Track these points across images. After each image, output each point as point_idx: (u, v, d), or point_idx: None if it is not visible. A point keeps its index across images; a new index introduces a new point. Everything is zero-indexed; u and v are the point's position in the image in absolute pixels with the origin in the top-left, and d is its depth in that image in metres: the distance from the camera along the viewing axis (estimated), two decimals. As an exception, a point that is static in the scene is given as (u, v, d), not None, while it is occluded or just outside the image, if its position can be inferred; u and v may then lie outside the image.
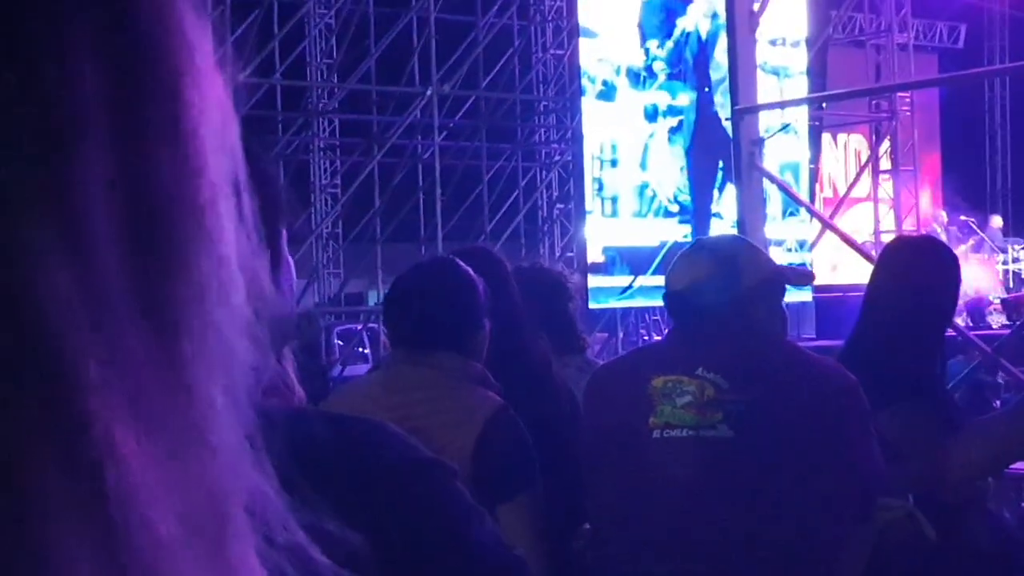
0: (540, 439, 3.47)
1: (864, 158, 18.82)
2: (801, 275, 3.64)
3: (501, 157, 18.10)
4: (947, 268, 3.87)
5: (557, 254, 18.79)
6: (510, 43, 18.15)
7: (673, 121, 16.32)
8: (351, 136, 18.39)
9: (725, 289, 3.14)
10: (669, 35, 16.35)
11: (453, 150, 17.61)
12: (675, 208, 16.18)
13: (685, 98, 16.41)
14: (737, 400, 3.00)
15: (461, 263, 3.45)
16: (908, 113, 17.58)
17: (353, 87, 17.27)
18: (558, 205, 18.81)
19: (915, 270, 3.81)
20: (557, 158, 18.90)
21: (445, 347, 3.30)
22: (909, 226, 17.49)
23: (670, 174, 16.45)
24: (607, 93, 15.90)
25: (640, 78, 16.11)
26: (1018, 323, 15.03)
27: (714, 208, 16.34)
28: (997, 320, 17.45)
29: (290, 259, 1.59)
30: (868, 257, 7.06)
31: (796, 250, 16.86)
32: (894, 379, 3.67)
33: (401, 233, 16.89)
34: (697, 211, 16.39)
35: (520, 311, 3.91)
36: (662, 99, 16.24)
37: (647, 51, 16.18)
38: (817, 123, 18.98)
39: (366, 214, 17.11)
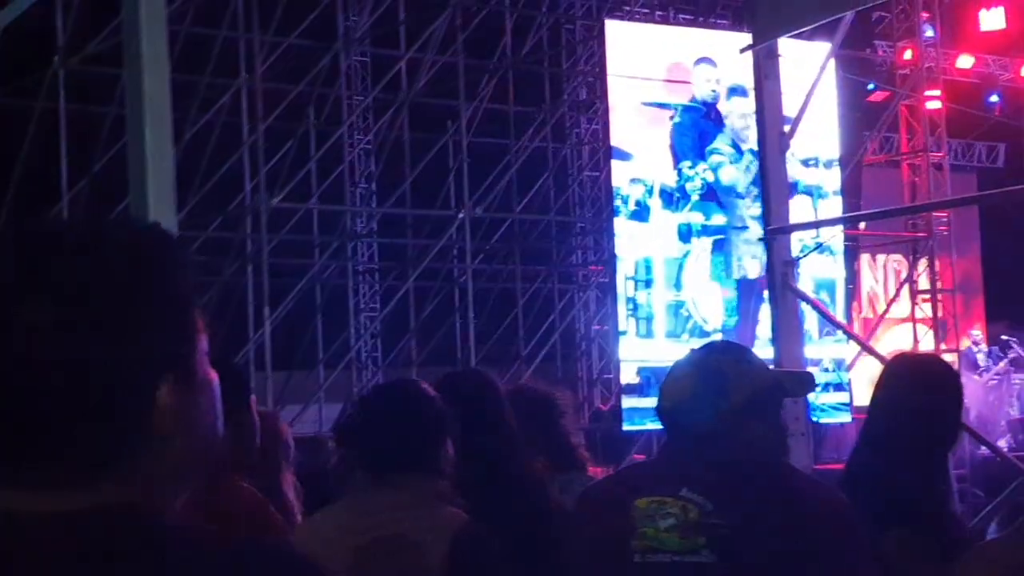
0: (530, 562, 3.41)
1: (903, 278, 18.72)
2: (801, 383, 3.52)
3: (537, 279, 18.10)
4: (947, 387, 3.78)
5: (595, 375, 18.70)
6: (545, 165, 18.26)
7: (707, 241, 16.32)
8: (387, 260, 18.45)
9: (710, 407, 3.05)
10: (702, 156, 16.41)
11: (488, 272, 17.64)
12: (710, 327, 16.10)
13: (720, 218, 16.42)
14: (721, 524, 2.90)
15: (422, 384, 3.44)
16: (945, 233, 17.48)
17: (388, 211, 17.37)
18: (594, 326, 18.74)
19: (914, 389, 3.72)
20: (593, 279, 18.89)
21: (409, 468, 3.29)
22: (949, 346, 17.30)
23: (705, 293, 16.41)
24: (640, 213, 15.94)
25: (673, 198, 16.15)
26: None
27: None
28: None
29: (211, 376, 1.54)
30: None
31: (833, 370, 16.72)
32: (895, 501, 3.57)
33: (437, 356, 16.86)
34: (741, 332, 16.32)
35: (513, 433, 3.87)
36: (695, 219, 16.25)
37: (680, 172, 16.23)
38: (851, 243, 18.93)
39: (403, 338, 17.13)
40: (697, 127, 16.52)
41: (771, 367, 3.41)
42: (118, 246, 1.43)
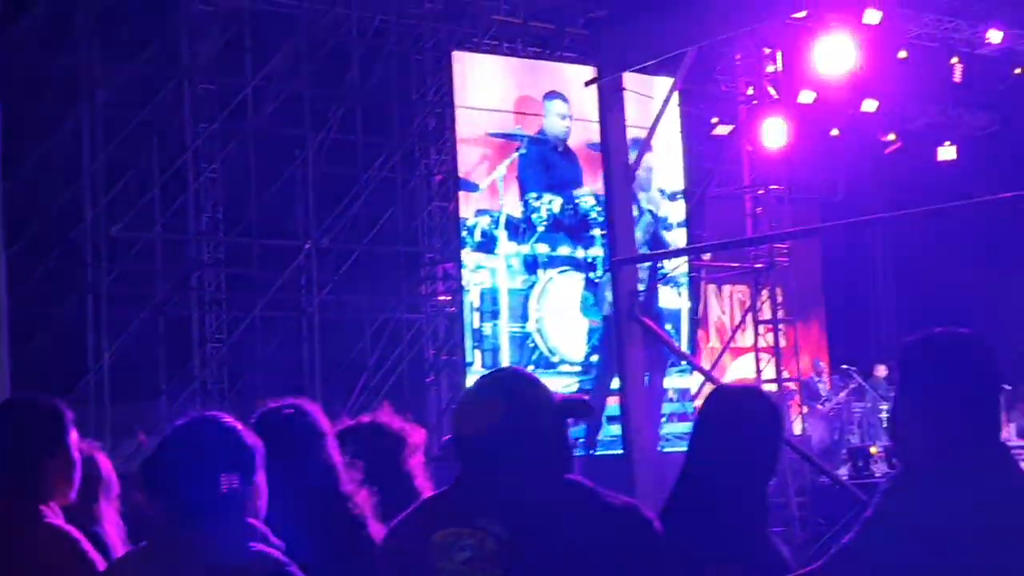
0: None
1: (748, 308, 18.98)
2: (583, 407, 3.55)
3: (385, 310, 18.01)
4: (762, 418, 3.80)
5: (444, 406, 18.64)
6: (393, 195, 18.19)
7: (553, 272, 16.41)
8: (234, 289, 18.21)
9: (509, 432, 3.04)
10: (549, 188, 16.52)
11: (336, 303, 17.52)
12: (557, 359, 16.18)
13: (566, 249, 16.53)
14: (519, 551, 2.88)
15: (225, 419, 3.35)
16: (786, 264, 17.77)
17: (235, 240, 17.18)
18: (443, 357, 18.69)
19: (729, 421, 3.75)
20: (442, 310, 18.84)
21: (215, 509, 3.18)
22: (790, 375, 17.56)
23: (560, 325, 16.49)
24: (486, 244, 15.98)
25: (519, 230, 16.22)
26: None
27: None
28: (881, 469, 17.51)
29: None
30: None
31: (678, 400, 16.90)
32: (711, 533, 3.59)
33: (285, 387, 16.67)
34: (606, 365, 16.42)
35: (335, 469, 3.83)
36: (542, 250, 16.34)
37: (526, 203, 16.30)
38: (696, 274, 19.17)
39: (250, 368, 16.93)
40: (545, 160, 16.63)
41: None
42: None
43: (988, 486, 3.07)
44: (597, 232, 16.76)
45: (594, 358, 16.80)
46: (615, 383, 15.72)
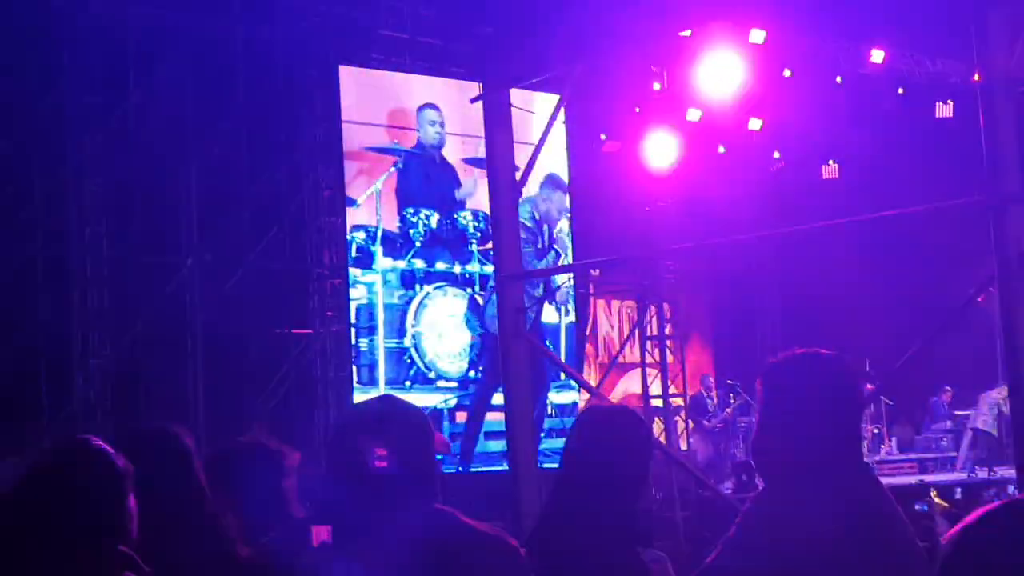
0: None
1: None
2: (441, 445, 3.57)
3: (272, 326, 17.85)
4: (629, 437, 3.82)
5: (331, 422, 18.49)
6: (280, 210, 18.04)
7: (430, 287, 16.41)
8: (118, 305, 17.94)
9: (387, 459, 3.03)
10: (427, 203, 16.50)
11: (222, 319, 17.33)
12: (433, 375, 16.15)
13: (443, 264, 16.52)
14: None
15: (95, 442, 3.28)
16: (673, 280, 17.90)
17: (118, 256, 16.93)
18: (330, 373, 18.56)
19: (598, 440, 3.76)
20: (327, 328, 18.70)
21: (86, 535, 3.11)
22: (676, 390, 17.71)
23: (441, 342, 16.46)
24: (363, 260, 15.91)
25: (396, 244, 16.19)
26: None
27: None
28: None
29: None
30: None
31: (556, 415, 16.94)
32: (582, 552, 3.60)
33: (169, 404, 16.46)
34: (490, 380, 16.40)
35: (201, 490, 3.78)
36: (419, 265, 16.32)
37: (404, 218, 16.26)
38: (584, 290, 19.24)
39: (133, 386, 16.70)
40: (424, 172, 16.61)
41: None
42: None
43: (846, 503, 3.10)
44: (475, 247, 16.83)
45: (472, 373, 16.84)
46: (496, 399, 15.78)
